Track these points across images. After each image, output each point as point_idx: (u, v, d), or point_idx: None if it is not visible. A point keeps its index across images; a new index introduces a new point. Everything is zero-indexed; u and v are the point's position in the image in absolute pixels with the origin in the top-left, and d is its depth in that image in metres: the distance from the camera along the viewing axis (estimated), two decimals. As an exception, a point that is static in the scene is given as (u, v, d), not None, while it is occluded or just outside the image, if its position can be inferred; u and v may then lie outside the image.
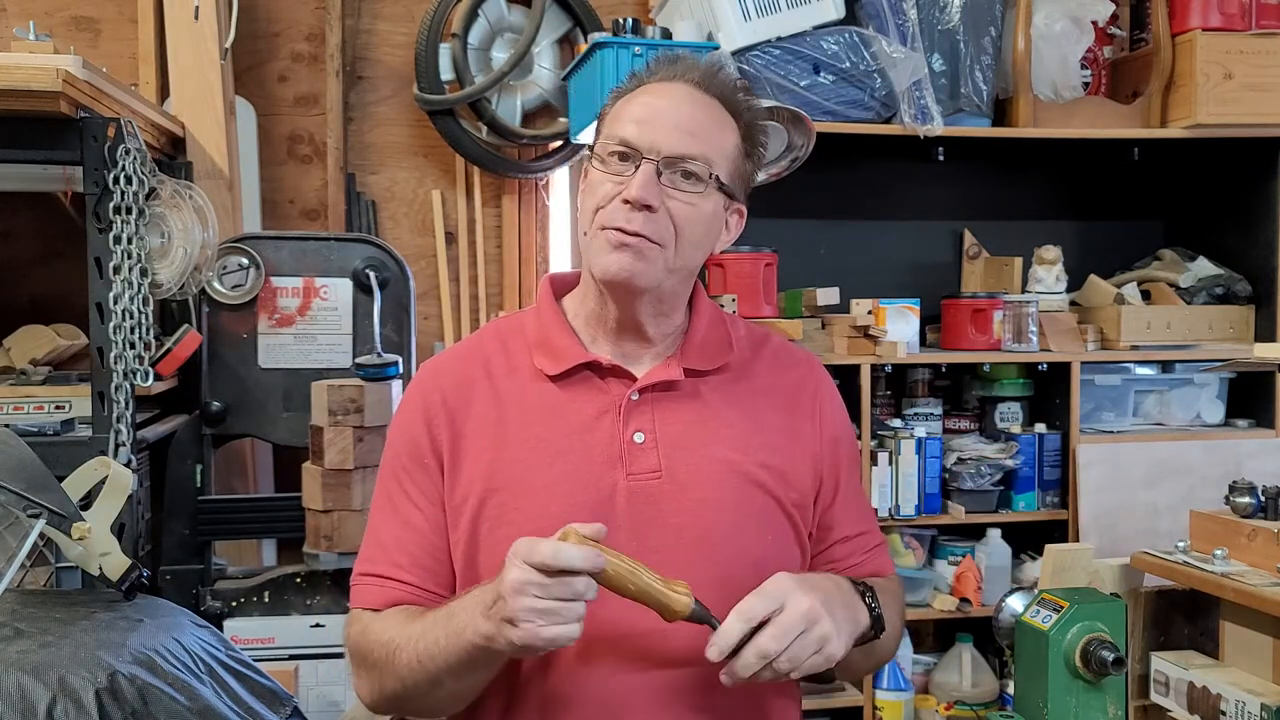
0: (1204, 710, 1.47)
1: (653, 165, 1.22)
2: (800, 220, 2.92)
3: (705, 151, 1.24)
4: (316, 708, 2.40)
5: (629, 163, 1.23)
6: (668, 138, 1.23)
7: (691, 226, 1.25)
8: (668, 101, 1.26)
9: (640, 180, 1.21)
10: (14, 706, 1.44)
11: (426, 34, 2.87)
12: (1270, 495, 1.54)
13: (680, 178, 1.23)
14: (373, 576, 1.30)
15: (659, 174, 1.22)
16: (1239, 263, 2.84)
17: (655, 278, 1.24)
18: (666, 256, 1.24)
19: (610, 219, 1.23)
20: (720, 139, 1.27)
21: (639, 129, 1.23)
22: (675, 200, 1.23)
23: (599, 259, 1.24)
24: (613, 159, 1.24)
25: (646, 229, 1.21)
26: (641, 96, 1.27)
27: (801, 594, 1.13)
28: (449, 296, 3.02)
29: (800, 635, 1.11)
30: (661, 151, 1.22)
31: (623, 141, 1.23)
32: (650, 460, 1.26)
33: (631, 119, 1.25)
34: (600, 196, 1.24)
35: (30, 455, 1.70)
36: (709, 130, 1.26)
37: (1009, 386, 2.75)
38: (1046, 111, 2.69)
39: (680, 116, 1.25)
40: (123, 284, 2.07)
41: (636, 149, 1.23)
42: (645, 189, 1.21)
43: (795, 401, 1.37)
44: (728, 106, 1.29)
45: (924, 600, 2.67)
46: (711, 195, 1.26)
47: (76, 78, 1.96)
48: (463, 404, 1.30)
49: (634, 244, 1.21)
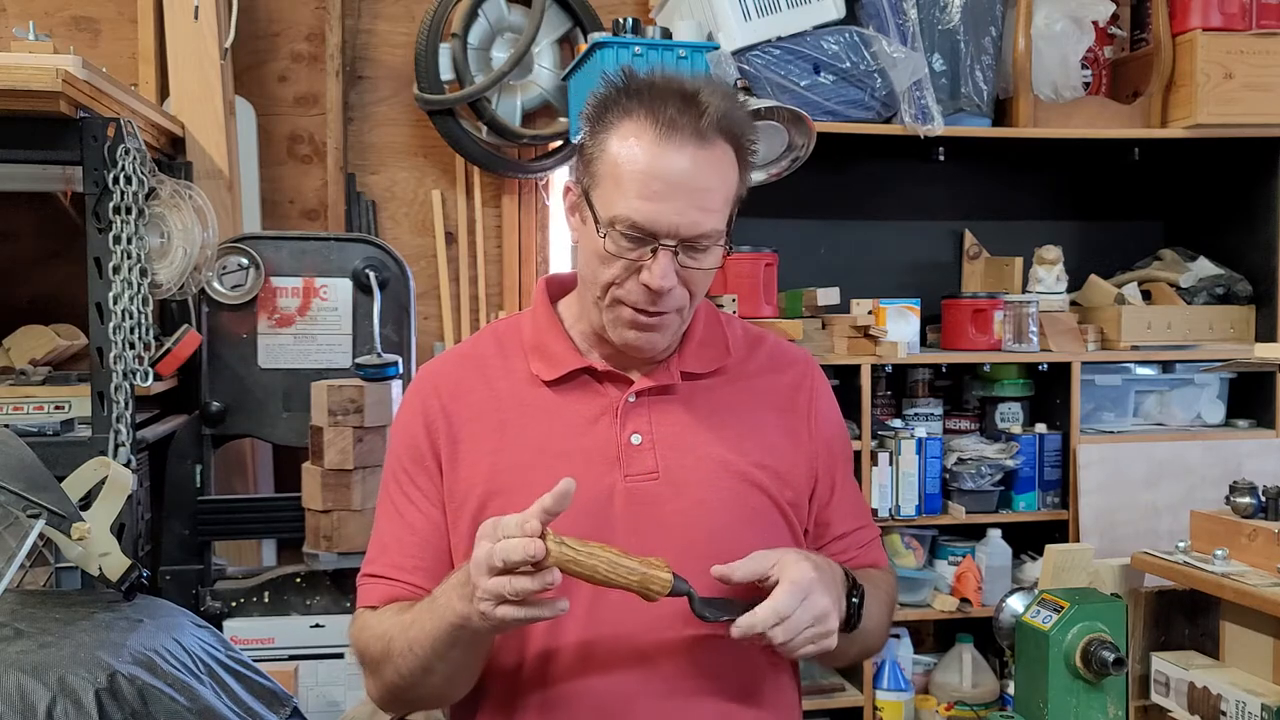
0: (1204, 710, 1.47)
1: (671, 251, 1.19)
2: (800, 220, 2.92)
3: (718, 222, 1.21)
4: (316, 708, 2.40)
5: (642, 245, 1.19)
6: (683, 218, 1.18)
7: (704, 286, 1.26)
8: (677, 171, 1.18)
9: (661, 270, 1.19)
10: (14, 706, 1.44)
11: (426, 34, 2.87)
12: (1270, 495, 1.54)
13: (696, 251, 1.22)
14: (375, 577, 1.31)
15: (675, 254, 1.20)
16: (1239, 263, 2.84)
17: (672, 337, 1.28)
18: (682, 316, 1.26)
19: (629, 298, 1.22)
20: (727, 187, 1.23)
21: (652, 210, 1.17)
22: (691, 270, 1.22)
23: (617, 331, 1.25)
24: (621, 238, 1.19)
25: (667, 306, 1.22)
26: (643, 160, 1.18)
27: (820, 594, 1.15)
28: (449, 296, 3.02)
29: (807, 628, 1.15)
30: (679, 234, 1.19)
31: (634, 226, 1.18)
32: (648, 461, 1.27)
33: (638, 194, 1.18)
34: (614, 272, 1.21)
35: (30, 455, 1.69)
36: (719, 191, 1.21)
37: (1009, 386, 2.75)
38: (1047, 111, 2.69)
39: (693, 190, 1.18)
40: (122, 284, 2.07)
41: (651, 234, 1.19)
42: (667, 277, 1.19)
43: (791, 401, 1.37)
44: (729, 139, 1.22)
45: (924, 600, 2.67)
46: (717, 248, 1.24)
47: (76, 78, 1.96)
48: (460, 407, 1.31)
49: (655, 324, 1.23)
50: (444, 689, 1.25)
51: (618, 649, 1.23)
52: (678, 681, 1.24)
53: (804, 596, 1.14)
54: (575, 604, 1.22)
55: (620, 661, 1.23)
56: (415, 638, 1.18)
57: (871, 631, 1.33)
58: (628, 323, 1.24)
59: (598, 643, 1.23)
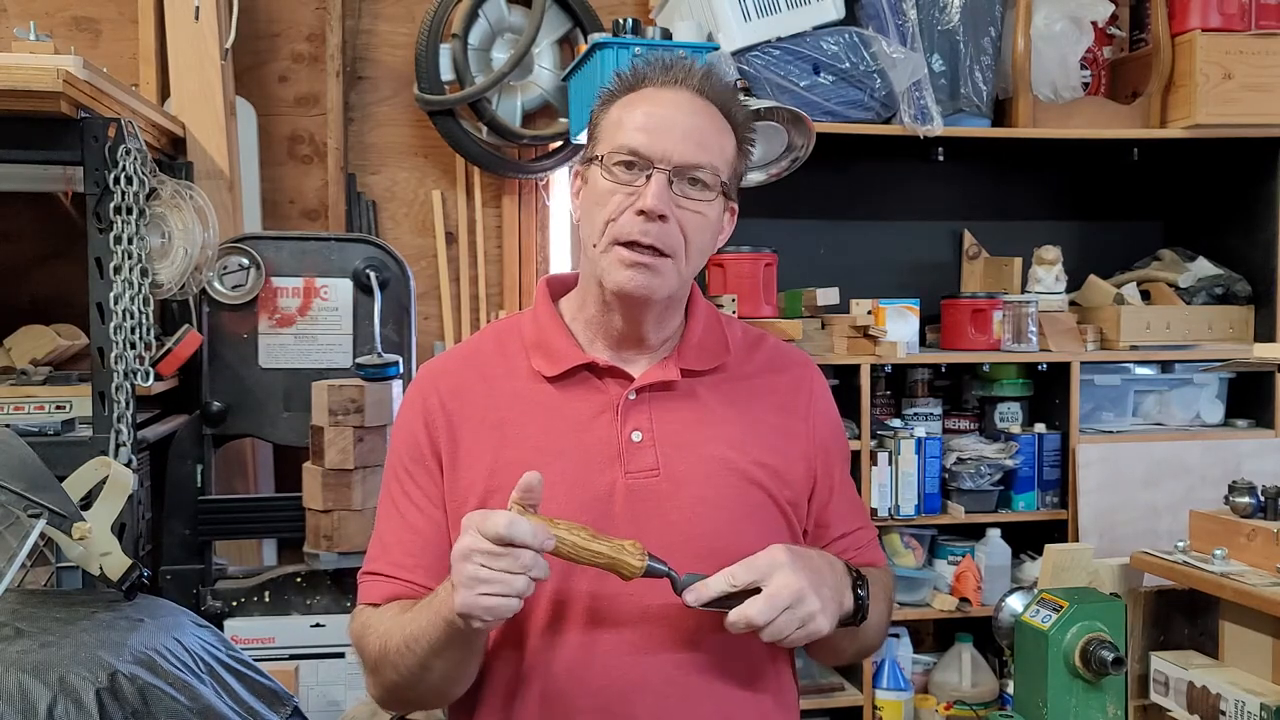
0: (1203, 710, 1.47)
1: (665, 175, 1.23)
2: (800, 220, 2.92)
3: (712, 159, 1.25)
4: (317, 707, 2.40)
5: (638, 172, 1.23)
6: (678, 146, 1.23)
7: (700, 234, 1.26)
8: (672, 109, 1.26)
9: (655, 190, 1.22)
10: (14, 706, 1.44)
11: (427, 34, 2.88)
12: (1270, 495, 1.54)
13: (689, 186, 1.24)
14: (375, 575, 1.32)
15: (670, 183, 1.23)
16: (1239, 263, 2.84)
17: (668, 287, 1.26)
18: (679, 266, 1.26)
19: (624, 232, 1.23)
20: (722, 144, 1.28)
21: (648, 138, 1.23)
22: (685, 210, 1.24)
23: (612, 274, 1.25)
24: (619, 168, 1.24)
25: (661, 240, 1.23)
26: (643, 104, 1.27)
27: (791, 571, 1.16)
28: (449, 296, 3.02)
29: (786, 610, 1.15)
30: (673, 160, 1.23)
31: (632, 151, 1.24)
32: (648, 459, 1.27)
33: (637, 127, 1.24)
34: (611, 208, 1.24)
35: (31, 455, 1.70)
36: (713, 137, 1.27)
37: (1009, 386, 2.76)
38: (1046, 112, 2.70)
39: (687, 124, 1.25)
40: (123, 284, 2.07)
41: (647, 158, 1.23)
42: (660, 199, 1.22)
43: (790, 401, 1.38)
44: (725, 111, 1.29)
45: (924, 600, 2.67)
46: (717, 201, 1.28)
47: (77, 78, 1.96)
48: (461, 405, 1.31)
49: (648, 261, 1.23)
50: (442, 687, 1.25)
51: (617, 644, 1.23)
52: (677, 675, 1.24)
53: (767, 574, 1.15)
54: (574, 599, 1.23)
55: (620, 656, 1.23)
56: (413, 635, 1.19)
57: (872, 628, 1.33)
58: (622, 262, 1.24)
59: (597, 638, 1.23)
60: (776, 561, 1.16)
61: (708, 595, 1.16)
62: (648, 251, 1.23)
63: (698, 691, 1.25)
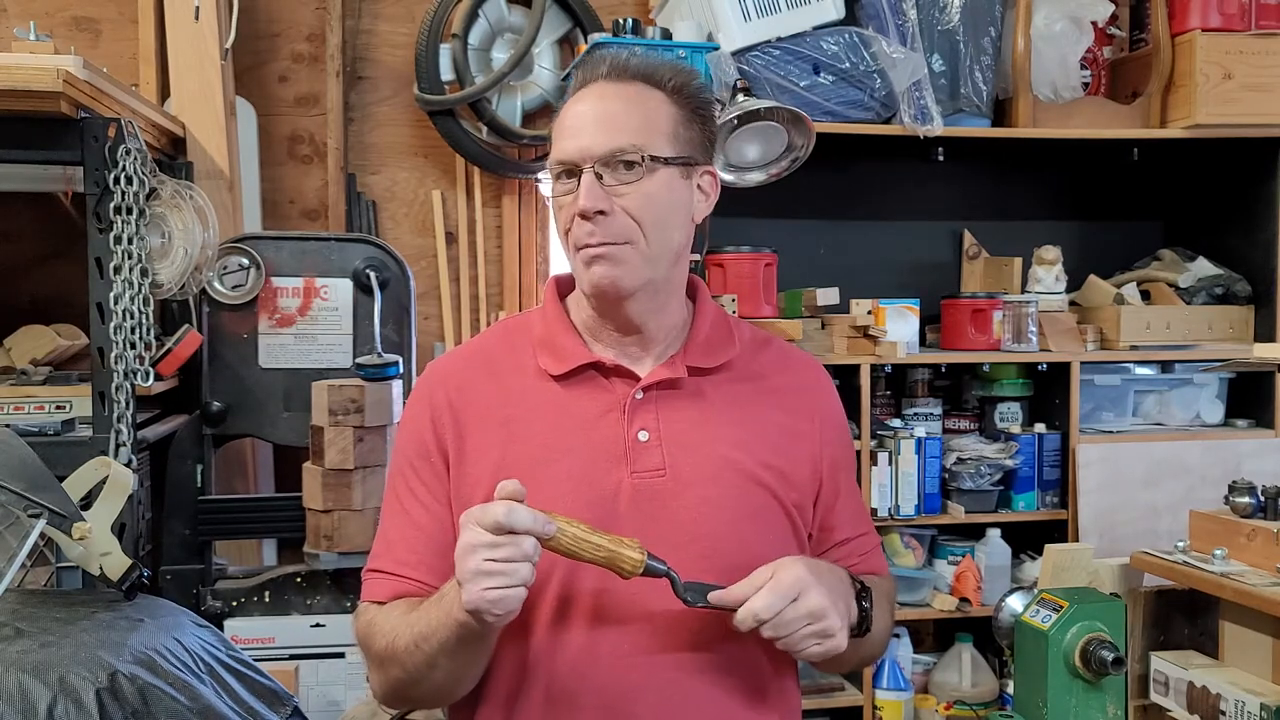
0: (1203, 710, 1.47)
1: (590, 172, 1.23)
2: (800, 220, 2.92)
3: (632, 138, 1.24)
4: (317, 707, 2.40)
5: (573, 179, 1.25)
6: (593, 139, 1.24)
7: (648, 211, 1.25)
8: (585, 105, 1.27)
9: (583, 191, 1.23)
10: (14, 706, 1.44)
11: (427, 34, 2.88)
12: (1270, 495, 1.54)
13: (622, 170, 1.24)
14: (380, 572, 1.32)
15: (600, 178, 1.23)
16: (1239, 263, 2.84)
17: (638, 274, 1.26)
18: (639, 250, 1.25)
19: (577, 239, 1.25)
20: (645, 116, 1.26)
21: (569, 142, 1.25)
22: (623, 195, 1.24)
23: (582, 278, 1.27)
24: (560, 181, 1.26)
25: (608, 235, 1.23)
26: (566, 112, 1.29)
27: (815, 593, 1.16)
28: (449, 296, 3.02)
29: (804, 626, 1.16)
30: (593, 154, 1.23)
31: (560, 161, 1.26)
32: (654, 458, 1.27)
33: (562, 136, 1.27)
34: (565, 219, 1.26)
35: (31, 455, 1.70)
36: (632, 114, 1.26)
37: (1009, 386, 2.76)
38: (1046, 112, 2.70)
39: (598, 113, 1.25)
40: (123, 284, 2.07)
41: (573, 162, 1.24)
42: (590, 198, 1.22)
43: (797, 404, 1.38)
44: (648, 81, 1.28)
45: (924, 600, 2.67)
46: (656, 173, 1.26)
47: (77, 78, 1.96)
48: (467, 403, 1.31)
49: (604, 253, 1.24)
50: (448, 685, 1.25)
51: (620, 644, 1.23)
52: (680, 678, 1.24)
53: (794, 596, 1.15)
54: (578, 599, 1.23)
55: (623, 657, 1.23)
56: (421, 634, 1.19)
57: (875, 638, 1.33)
58: (584, 263, 1.25)
59: (600, 638, 1.23)
60: (801, 583, 1.16)
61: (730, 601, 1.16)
62: (599, 246, 1.24)
63: (700, 695, 1.25)
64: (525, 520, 1.08)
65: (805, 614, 1.16)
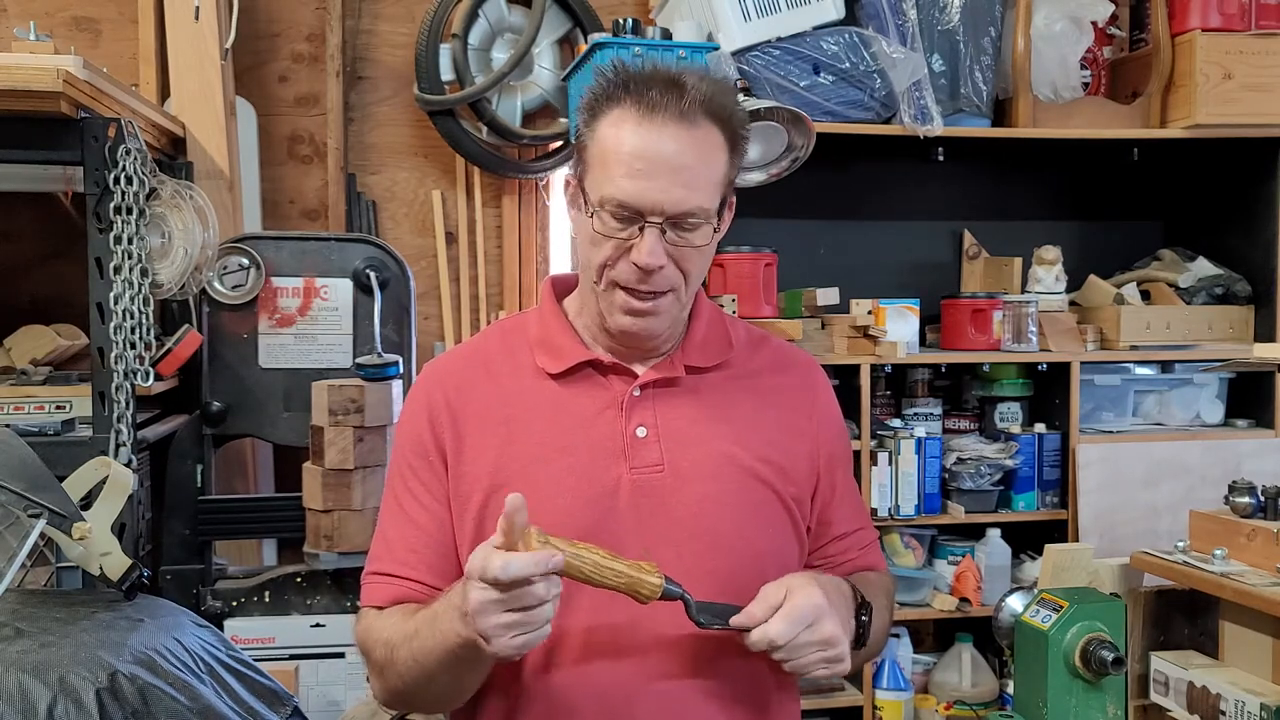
0: (1203, 710, 1.47)
1: (657, 228, 1.20)
2: (800, 220, 2.92)
3: (703, 200, 1.22)
4: (317, 707, 2.40)
5: (629, 224, 1.21)
6: (667, 195, 1.19)
7: (697, 266, 1.26)
8: (659, 150, 1.19)
9: (649, 246, 1.20)
10: (14, 706, 1.44)
11: (427, 34, 2.88)
12: (1270, 495, 1.54)
13: (684, 230, 1.22)
14: (380, 575, 1.32)
15: (663, 232, 1.21)
16: (1239, 263, 2.84)
17: (671, 320, 1.28)
18: (679, 298, 1.26)
19: (622, 278, 1.23)
20: (713, 169, 1.23)
21: (636, 187, 1.19)
22: (681, 249, 1.23)
23: (615, 318, 1.26)
24: (610, 217, 1.21)
25: (660, 285, 1.23)
26: (629, 141, 1.20)
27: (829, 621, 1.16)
28: (449, 296, 3.02)
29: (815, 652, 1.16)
30: (665, 212, 1.20)
31: (621, 205, 1.20)
32: (653, 454, 1.27)
33: (624, 174, 1.19)
34: (607, 253, 1.23)
35: (31, 455, 1.70)
36: (703, 170, 1.22)
37: (1009, 386, 2.75)
38: (1046, 112, 2.70)
39: (675, 165, 1.19)
40: (123, 284, 2.07)
41: (637, 210, 1.20)
42: (655, 255, 1.20)
43: (794, 400, 1.38)
44: (715, 119, 1.23)
45: (924, 600, 2.67)
46: (709, 225, 1.25)
47: (77, 78, 1.96)
48: (466, 403, 1.31)
49: (650, 308, 1.24)
50: (447, 695, 1.26)
51: (621, 645, 1.23)
52: (681, 678, 1.24)
53: (809, 622, 1.15)
54: (579, 600, 1.23)
55: (624, 658, 1.23)
56: (418, 649, 1.19)
57: (874, 642, 1.33)
58: (622, 308, 1.24)
59: (601, 640, 1.23)
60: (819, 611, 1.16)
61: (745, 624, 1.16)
62: (648, 298, 1.23)
63: (702, 706, 1.25)
64: (526, 568, 1.04)
65: (819, 641, 1.16)
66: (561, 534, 1.11)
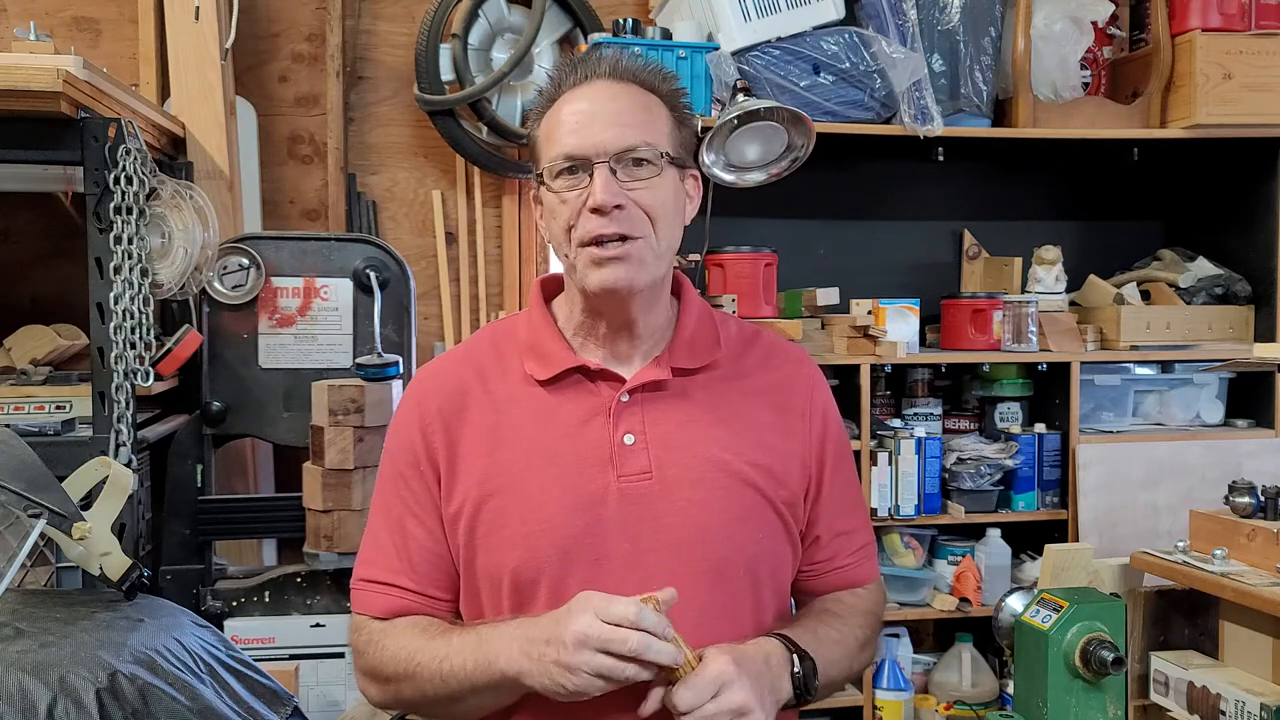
0: (1203, 710, 1.47)
1: (605, 166, 1.23)
2: (800, 220, 2.92)
3: (646, 136, 1.25)
4: (317, 707, 2.40)
5: (581, 174, 1.24)
6: (608, 134, 1.23)
7: (661, 208, 1.26)
8: (592, 102, 1.26)
9: (600, 184, 1.22)
10: (14, 706, 1.44)
11: (427, 34, 2.88)
12: (1270, 495, 1.54)
13: (634, 167, 1.24)
14: (372, 583, 1.31)
15: (614, 172, 1.23)
16: (1239, 263, 2.84)
17: (649, 271, 1.26)
18: (650, 245, 1.25)
19: (587, 232, 1.23)
20: (651, 118, 1.28)
21: (578, 138, 1.24)
22: (638, 190, 1.24)
23: (590, 276, 1.25)
24: (562, 177, 1.25)
25: (624, 227, 1.23)
26: (564, 107, 1.27)
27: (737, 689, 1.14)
28: (449, 296, 3.02)
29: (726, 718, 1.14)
30: (608, 150, 1.23)
31: (567, 156, 1.24)
32: (641, 461, 1.27)
33: (565, 131, 1.25)
34: (569, 214, 1.24)
35: (31, 455, 1.70)
36: (641, 114, 1.27)
37: (1009, 386, 2.76)
38: (1046, 112, 2.70)
39: (610, 111, 1.25)
40: (123, 284, 2.07)
41: (584, 157, 1.23)
42: (608, 191, 1.22)
43: (787, 399, 1.37)
44: (645, 85, 1.29)
45: (924, 600, 2.67)
46: (667, 173, 1.27)
47: (77, 78, 1.96)
48: (458, 411, 1.31)
49: (619, 253, 1.23)
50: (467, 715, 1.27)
51: None
52: None
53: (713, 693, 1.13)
54: None
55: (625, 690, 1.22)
56: (452, 671, 1.20)
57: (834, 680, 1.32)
58: (592, 260, 1.24)
59: None
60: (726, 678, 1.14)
61: None
62: (615, 243, 1.23)
63: None
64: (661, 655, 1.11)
65: (728, 710, 1.13)
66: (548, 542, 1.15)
